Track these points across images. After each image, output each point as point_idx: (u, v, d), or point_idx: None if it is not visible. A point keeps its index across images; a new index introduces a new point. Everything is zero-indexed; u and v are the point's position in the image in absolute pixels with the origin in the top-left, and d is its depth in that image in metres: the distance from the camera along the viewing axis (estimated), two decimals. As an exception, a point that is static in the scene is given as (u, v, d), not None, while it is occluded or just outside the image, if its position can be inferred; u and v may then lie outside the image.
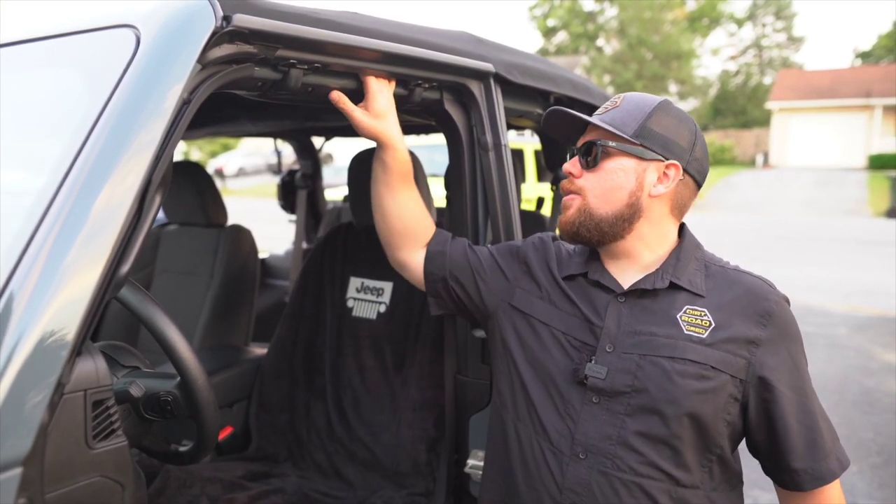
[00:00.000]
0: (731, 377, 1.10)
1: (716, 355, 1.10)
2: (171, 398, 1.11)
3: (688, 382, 1.09)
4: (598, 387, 1.13)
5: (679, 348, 1.11)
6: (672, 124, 1.17)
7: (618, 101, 1.21)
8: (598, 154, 1.17)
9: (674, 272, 1.16)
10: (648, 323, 1.14)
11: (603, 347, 1.15)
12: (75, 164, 0.82)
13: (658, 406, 1.09)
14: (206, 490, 1.60)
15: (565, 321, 1.21)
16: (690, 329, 1.12)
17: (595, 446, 1.12)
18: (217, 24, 0.94)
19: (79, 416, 0.81)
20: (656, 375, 1.10)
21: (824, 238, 12.61)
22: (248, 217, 3.21)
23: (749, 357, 1.10)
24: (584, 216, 1.18)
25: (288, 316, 2.04)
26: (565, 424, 1.15)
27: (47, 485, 0.76)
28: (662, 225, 1.19)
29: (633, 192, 1.16)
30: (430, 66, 1.38)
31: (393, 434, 1.79)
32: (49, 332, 0.75)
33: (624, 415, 1.11)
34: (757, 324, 1.12)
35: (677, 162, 1.16)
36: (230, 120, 2.23)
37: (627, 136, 1.15)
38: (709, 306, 1.14)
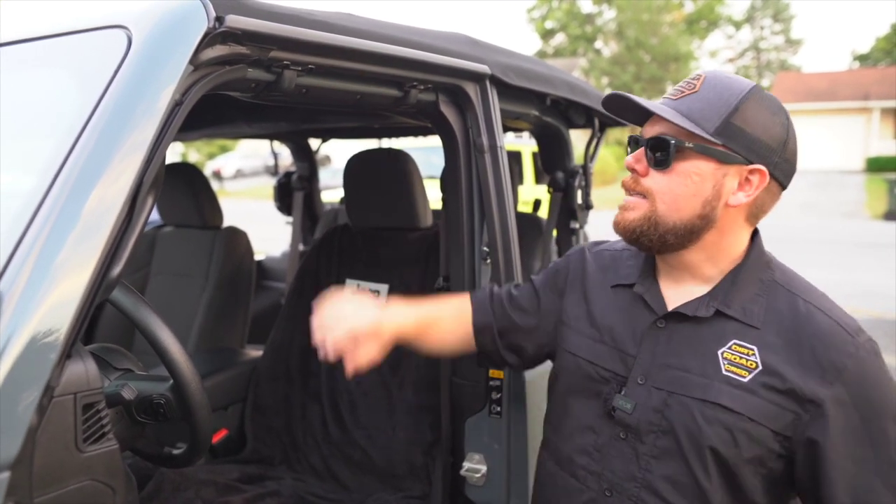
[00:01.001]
0: (772, 432, 0.94)
1: (756, 405, 0.94)
2: (164, 401, 1.10)
3: (717, 430, 0.95)
4: (625, 422, 1.02)
5: (712, 391, 0.96)
6: (762, 120, 0.97)
7: (696, 84, 1.00)
8: (672, 154, 0.98)
9: (724, 298, 1.00)
10: (685, 355, 1.00)
11: (634, 379, 1.03)
12: (66, 164, 0.82)
13: (683, 451, 0.97)
14: (200, 493, 1.59)
15: (593, 350, 1.10)
16: (730, 370, 0.96)
17: (620, 486, 1.02)
18: (209, 25, 0.93)
19: (68, 419, 0.80)
20: (683, 417, 0.98)
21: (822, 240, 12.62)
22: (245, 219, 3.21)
23: (801, 413, 0.93)
24: (650, 225, 1.01)
25: (283, 318, 2.03)
26: (593, 460, 1.06)
27: (36, 489, 0.76)
28: (733, 234, 1.02)
29: (707, 200, 0.98)
30: (426, 68, 1.37)
31: (389, 437, 1.78)
32: (38, 334, 0.75)
33: (650, 456, 1.00)
34: (820, 380, 0.92)
35: (763, 166, 0.97)
36: (226, 121, 2.22)
37: (708, 134, 0.95)
38: (761, 344, 0.97)
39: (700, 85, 0.99)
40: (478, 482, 1.54)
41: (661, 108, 1.00)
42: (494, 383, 1.54)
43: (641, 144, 1.03)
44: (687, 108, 0.98)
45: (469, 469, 1.55)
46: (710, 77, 1.00)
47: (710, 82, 0.99)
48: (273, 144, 3.46)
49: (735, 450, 0.95)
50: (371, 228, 2.02)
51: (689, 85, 1.00)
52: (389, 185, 1.91)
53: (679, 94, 1.01)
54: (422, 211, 1.92)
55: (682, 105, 0.99)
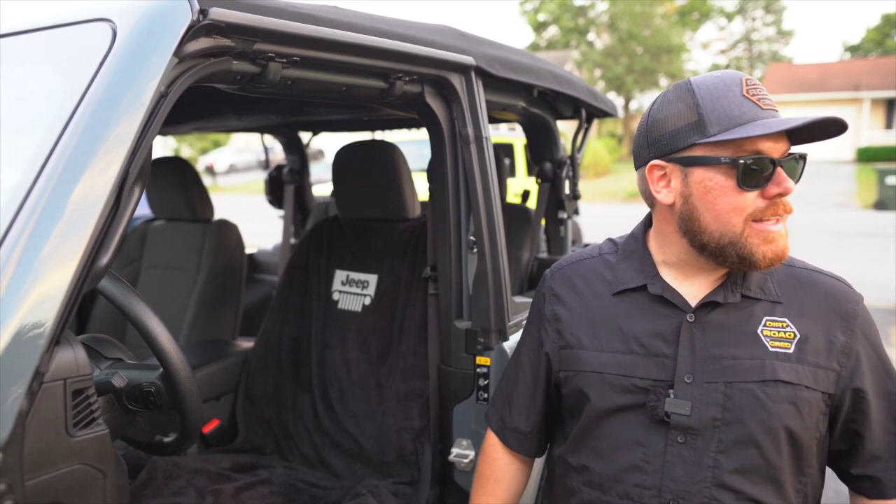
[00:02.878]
0: (822, 394, 1.00)
1: (808, 372, 0.99)
2: (154, 389, 1.11)
3: (783, 407, 0.98)
4: (684, 424, 1.00)
5: (768, 370, 0.99)
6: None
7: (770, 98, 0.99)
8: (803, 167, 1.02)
9: (743, 283, 1.04)
10: (727, 344, 1.01)
11: (681, 379, 1.01)
12: (52, 156, 0.83)
13: (755, 437, 0.98)
14: (192, 481, 1.61)
15: (621, 362, 1.06)
16: (776, 345, 1.00)
17: (687, 492, 1.00)
18: (193, 18, 0.94)
19: (58, 404, 0.82)
20: (748, 404, 0.98)
21: (813, 231, 12.69)
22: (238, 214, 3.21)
23: (839, 369, 1.01)
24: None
25: (274, 309, 2.05)
26: (646, 474, 1.03)
27: (28, 472, 0.78)
28: None
29: None
30: (410, 60, 1.39)
31: (378, 424, 1.80)
32: (27, 321, 0.76)
33: (716, 452, 0.99)
34: (843, 329, 1.02)
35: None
36: (216, 115, 2.23)
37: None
38: (789, 314, 1.03)
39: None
40: (466, 468, 1.57)
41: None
42: (482, 370, 1.57)
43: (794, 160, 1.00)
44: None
45: (457, 455, 1.57)
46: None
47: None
48: (264, 138, 3.47)
49: (801, 420, 0.99)
50: (360, 219, 2.04)
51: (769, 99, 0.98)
52: (378, 177, 1.93)
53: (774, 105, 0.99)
54: (410, 202, 1.94)
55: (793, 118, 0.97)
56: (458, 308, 1.63)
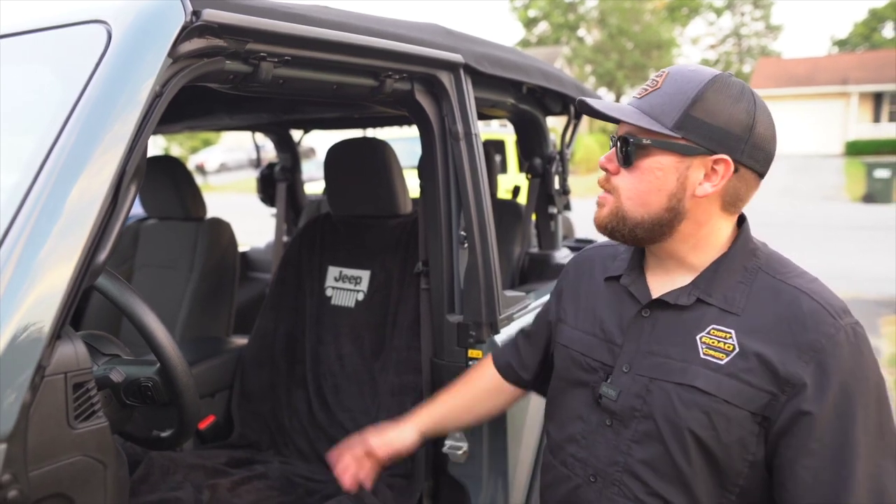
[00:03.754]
0: (750, 414, 0.95)
1: (732, 387, 0.95)
2: (152, 384, 1.14)
3: (693, 414, 0.97)
4: (610, 409, 1.06)
5: (689, 374, 0.98)
6: (723, 108, 0.97)
7: (659, 81, 1.01)
8: (633, 152, 1.01)
9: (706, 287, 1.02)
10: (667, 343, 1.03)
11: (620, 367, 1.07)
12: (49, 157, 0.85)
13: (662, 435, 1.00)
14: (189, 476, 1.63)
15: (584, 342, 1.15)
16: (708, 353, 0.98)
17: (604, 471, 1.06)
18: (187, 19, 0.96)
19: (60, 397, 0.84)
20: (662, 402, 1.00)
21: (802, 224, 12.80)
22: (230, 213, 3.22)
23: (777, 394, 0.93)
24: (617, 220, 1.05)
25: (268, 306, 2.07)
26: (581, 447, 1.11)
27: (31, 462, 0.80)
28: (711, 224, 1.03)
29: (673, 194, 1.00)
30: (400, 58, 1.41)
31: (372, 418, 1.82)
32: (28, 316, 0.78)
33: (631, 441, 1.04)
34: (797, 359, 0.93)
35: (727, 155, 0.97)
36: (207, 114, 2.25)
37: (666, 128, 0.97)
38: (739, 327, 0.98)
39: (663, 81, 1.01)
40: (459, 459, 1.59)
41: (619, 109, 1.03)
42: (474, 363, 1.59)
43: (613, 144, 1.06)
44: (649, 105, 1.00)
45: (451, 447, 1.60)
46: (673, 72, 1.02)
47: (673, 77, 1.00)
48: (256, 137, 3.48)
49: (713, 432, 0.96)
50: (352, 216, 2.06)
51: (654, 82, 1.02)
52: (369, 174, 1.95)
53: (644, 91, 1.03)
54: (401, 198, 1.96)
55: (645, 103, 1.01)
56: (450, 302, 1.65)
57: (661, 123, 0.98)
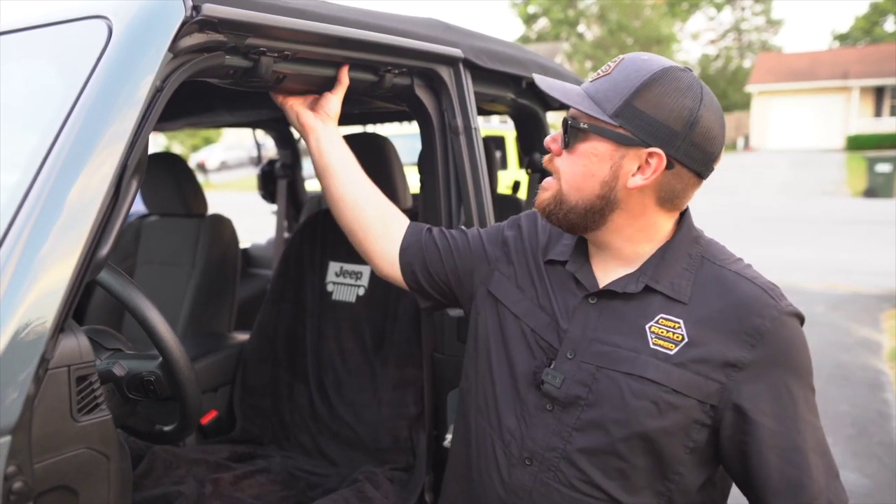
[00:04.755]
0: (698, 402, 0.97)
1: (682, 377, 0.97)
2: (154, 378, 1.14)
3: (642, 404, 0.97)
4: (553, 395, 1.04)
5: (639, 364, 0.99)
6: (666, 101, 0.96)
7: (611, 67, 1.01)
8: (572, 135, 1.02)
9: (653, 273, 1.02)
10: (615, 331, 1.02)
11: (564, 353, 1.05)
12: (51, 153, 0.86)
13: (606, 424, 0.99)
14: (191, 471, 1.64)
15: (536, 317, 1.11)
16: (658, 343, 0.99)
17: (541, 455, 1.05)
18: (187, 14, 0.97)
19: (63, 390, 0.85)
20: (610, 391, 1.00)
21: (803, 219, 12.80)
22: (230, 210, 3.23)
23: (725, 381, 0.96)
24: (555, 204, 1.05)
25: (269, 301, 2.07)
26: (519, 427, 1.08)
27: (35, 454, 0.81)
28: (647, 218, 1.03)
29: (605, 181, 1.00)
30: (399, 53, 1.41)
31: (374, 412, 1.83)
32: (32, 310, 0.79)
33: (573, 428, 1.03)
34: (742, 344, 0.96)
35: (661, 150, 0.97)
36: (207, 111, 2.25)
37: (606, 115, 0.97)
38: (687, 317, 0.99)
39: (615, 67, 1.01)
40: (460, 452, 1.60)
41: (564, 90, 1.04)
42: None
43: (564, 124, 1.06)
44: (595, 89, 1.01)
45: (452, 440, 1.61)
46: (627, 59, 1.01)
47: (625, 64, 1.00)
48: (256, 134, 3.48)
49: (660, 422, 0.97)
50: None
51: (607, 68, 1.02)
52: (369, 169, 1.94)
53: (597, 76, 1.03)
54: (401, 193, 1.97)
55: (593, 87, 1.02)
56: (451, 296, 1.66)
57: (602, 109, 0.98)
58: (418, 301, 1.34)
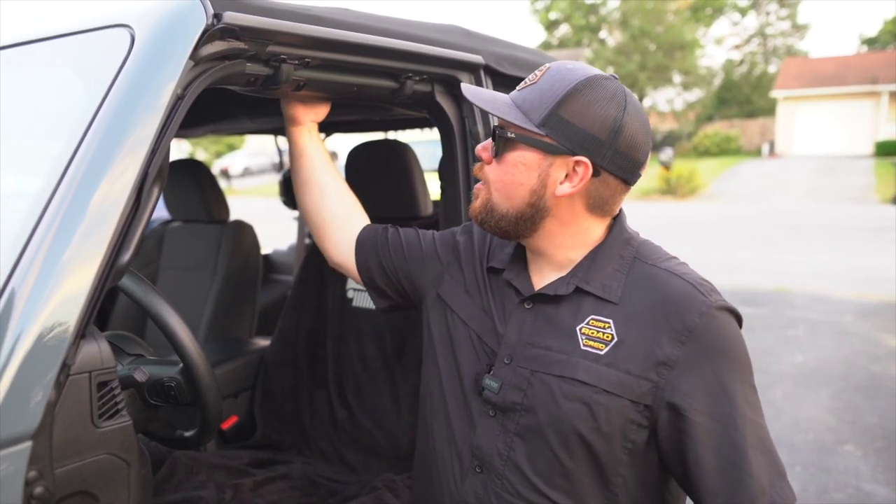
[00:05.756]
0: (631, 402, 0.96)
1: (612, 376, 0.96)
2: (175, 384, 1.15)
3: (575, 406, 0.96)
4: (492, 401, 1.04)
5: (570, 366, 0.98)
6: (590, 110, 0.96)
7: (538, 76, 1.02)
8: (500, 144, 1.02)
9: (584, 275, 1.02)
10: (548, 335, 1.02)
11: (501, 359, 1.05)
12: (73, 160, 0.87)
13: (542, 429, 0.99)
14: (212, 476, 1.64)
15: (481, 322, 1.11)
16: (588, 344, 0.99)
17: (488, 462, 1.04)
18: (208, 22, 0.97)
19: (84, 396, 0.85)
20: (543, 395, 0.99)
21: (830, 226, 12.57)
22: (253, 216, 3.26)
23: (657, 380, 0.95)
24: (486, 212, 1.06)
25: (290, 307, 2.08)
26: (468, 433, 1.08)
27: (57, 460, 0.81)
28: (578, 224, 1.04)
29: (534, 190, 1.00)
30: (420, 59, 1.41)
31: (394, 420, 1.83)
32: (53, 316, 0.80)
33: (514, 434, 1.02)
34: (672, 340, 0.95)
35: (587, 158, 0.97)
36: (229, 118, 2.27)
37: (532, 124, 0.98)
38: (617, 316, 0.99)
39: (541, 76, 1.01)
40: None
41: (489, 99, 1.04)
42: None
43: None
44: (522, 99, 1.01)
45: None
46: (553, 68, 1.01)
47: (551, 73, 1.00)
48: (278, 140, 3.51)
49: (594, 423, 0.96)
50: (373, 218, 2.06)
51: (533, 76, 1.02)
52: (390, 175, 1.95)
53: (524, 85, 1.03)
54: (422, 200, 1.97)
55: (520, 96, 1.02)
56: (471, 304, 1.65)
57: (528, 119, 0.99)
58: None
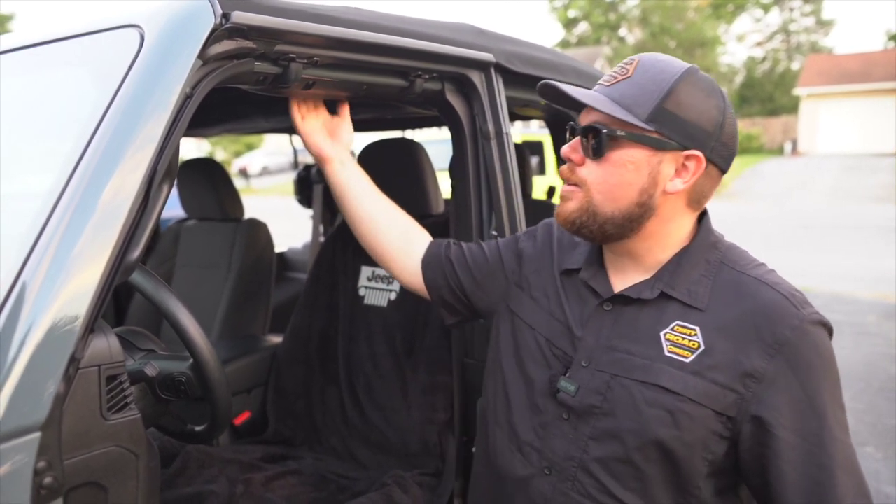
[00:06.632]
0: (714, 413, 0.93)
1: (698, 385, 0.93)
2: (185, 378, 1.17)
3: (656, 413, 0.94)
4: (568, 403, 1.03)
5: (653, 372, 0.96)
6: (696, 103, 0.95)
7: (629, 69, 0.98)
8: (604, 143, 0.96)
9: (669, 280, 1.00)
10: (629, 339, 1.00)
11: (579, 361, 1.04)
12: (84, 157, 0.88)
13: (622, 434, 0.97)
14: (224, 471, 1.66)
15: (550, 327, 1.10)
16: (673, 350, 0.96)
17: (560, 466, 1.03)
18: (216, 22, 0.99)
19: (93, 389, 0.87)
20: (624, 400, 0.97)
21: (853, 226, 12.36)
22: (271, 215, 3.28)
23: (743, 392, 0.92)
24: (587, 216, 1.00)
25: (302, 305, 2.10)
26: (537, 436, 1.07)
27: (65, 451, 0.83)
28: (676, 221, 1.01)
29: (644, 189, 0.97)
30: (429, 58, 1.42)
31: (404, 417, 1.84)
32: (63, 310, 0.81)
33: (588, 437, 1.00)
34: (762, 353, 0.92)
35: (699, 152, 0.96)
36: (244, 117, 2.29)
37: (640, 121, 0.94)
38: (704, 324, 0.96)
39: (634, 69, 0.97)
40: (489, 459, 1.59)
41: (591, 96, 0.98)
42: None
43: (577, 133, 1.01)
44: (619, 94, 0.96)
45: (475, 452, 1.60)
46: (644, 60, 0.98)
47: (644, 66, 0.97)
48: (293, 139, 3.53)
49: (676, 432, 0.94)
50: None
51: (623, 70, 0.98)
52: (401, 174, 1.96)
53: (612, 79, 0.99)
54: (433, 198, 1.97)
55: (615, 91, 0.97)
56: (481, 302, 1.65)
57: (633, 114, 0.95)
58: (443, 317, 1.33)
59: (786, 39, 41.41)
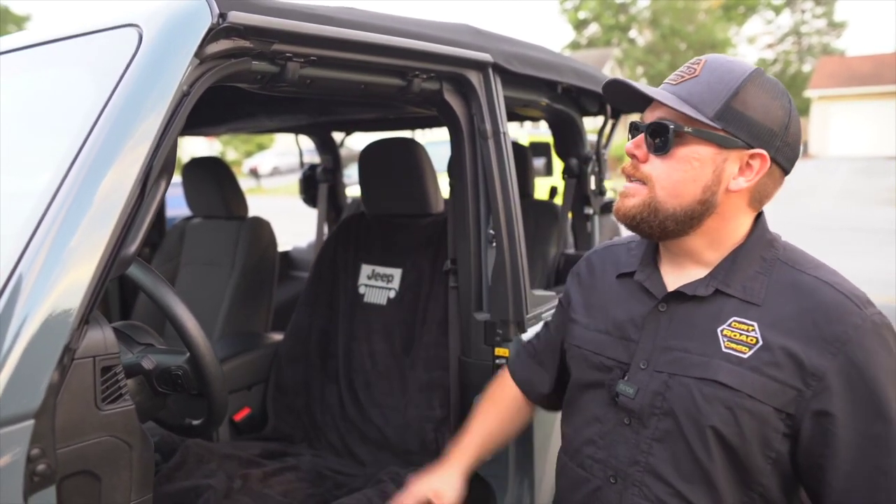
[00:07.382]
0: (774, 410, 0.92)
1: (756, 381, 0.92)
2: (182, 372, 1.18)
3: (716, 409, 0.94)
4: (628, 407, 1.03)
5: (711, 368, 0.95)
6: (763, 103, 0.96)
7: (696, 69, 0.99)
8: (671, 139, 0.97)
9: (724, 277, 1.00)
10: (685, 337, 1.00)
11: (637, 364, 1.04)
12: (81, 152, 0.90)
13: (684, 432, 0.97)
14: (223, 465, 1.68)
15: (596, 340, 1.11)
16: (730, 346, 0.95)
17: (625, 472, 1.03)
18: (213, 21, 1.00)
19: (88, 379, 0.89)
20: (683, 398, 0.97)
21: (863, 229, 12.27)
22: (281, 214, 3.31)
23: (803, 389, 0.91)
24: (649, 211, 1.00)
25: (303, 303, 2.12)
26: (599, 448, 1.07)
27: (59, 440, 0.85)
28: (736, 220, 1.01)
29: (707, 186, 0.97)
30: (427, 57, 1.43)
31: (401, 414, 1.85)
32: (58, 301, 0.83)
33: (652, 439, 1.00)
34: (823, 351, 0.90)
35: (765, 151, 0.96)
36: (248, 116, 2.32)
37: (707, 118, 0.95)
38: (762, 319, 0.95)
39: (701, 69, 0.98)
40: (485, 457, 1.60)
41: (660, 93, 0.99)
42: (500, 361, 1.60)
43: (641, 130, 1.02)
44: (687, 92, 0.97)
45: None
46: (711, 61, 0.99)
47: (711, 66, 0.98)
48: (298, 139, 3.56)
49: (736, 428, 0.93)
50: (385, 215, 2.09)
51: (690, 69, 1.00)
52: (402, 173, 1.98)
53: (680, 78, 1.00)
54: (433, 197, 1.99)
55: (682, 90, 0.98)
56: (478, 300, 1.66)
57: (701, 112, 0.95)
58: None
59: (797, 41, 41.12)
